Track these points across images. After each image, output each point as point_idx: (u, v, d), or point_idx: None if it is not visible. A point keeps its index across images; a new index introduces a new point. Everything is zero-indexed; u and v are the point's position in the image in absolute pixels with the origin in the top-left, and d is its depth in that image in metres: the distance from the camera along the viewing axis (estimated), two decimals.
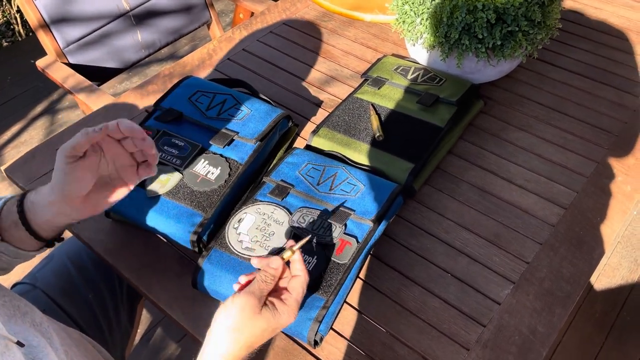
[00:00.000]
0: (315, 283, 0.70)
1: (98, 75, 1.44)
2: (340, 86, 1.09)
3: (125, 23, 1.45)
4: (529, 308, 0.74)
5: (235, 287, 0.65)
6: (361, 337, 0.71)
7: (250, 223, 0.77)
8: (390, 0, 1.08)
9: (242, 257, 0.73)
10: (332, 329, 0.72)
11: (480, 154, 0.95)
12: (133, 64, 1.51)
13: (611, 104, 1.04)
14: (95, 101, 1.23)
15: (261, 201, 0.80)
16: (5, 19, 2.61)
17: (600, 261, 0.87)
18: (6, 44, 2.57)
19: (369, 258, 0.79)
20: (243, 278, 0.65)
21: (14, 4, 2.49)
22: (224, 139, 0.86)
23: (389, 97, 0.98)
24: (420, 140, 0.90)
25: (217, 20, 1.64)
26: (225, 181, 0.81)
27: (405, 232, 0.83)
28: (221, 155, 0.84)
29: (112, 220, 0.84)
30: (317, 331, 0.67)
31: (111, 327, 0.92)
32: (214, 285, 0.72)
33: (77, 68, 1.36)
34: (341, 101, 1.00)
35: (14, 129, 2.18)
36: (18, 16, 2.54)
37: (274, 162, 0.90)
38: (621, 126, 1.00)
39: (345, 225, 0.76)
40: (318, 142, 0.91)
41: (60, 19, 1.34)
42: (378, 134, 0.90)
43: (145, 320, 1.54)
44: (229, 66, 1.15)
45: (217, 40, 1.21)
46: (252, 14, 1.60)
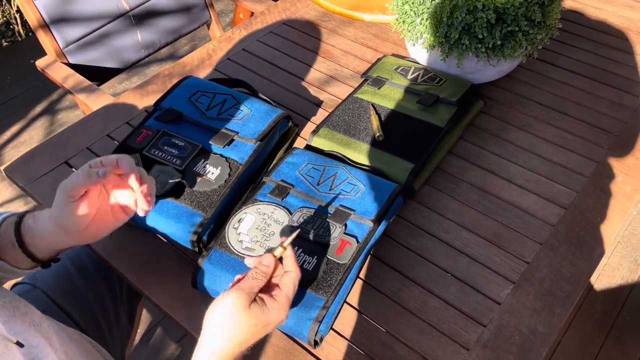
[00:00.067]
0: (309, 279, 0.70)
1: (98, 75, 1.44)
2: (340, 86, 1.09)
3: (125, 23, 1.45)
4: (529, 308, 0.74)
5: (230, 285, 0.65)
6: (361, 337, 0.71)
7: (250, 223, 0.77)
8: (390, 0, 1.08)
9: (242, 257, 0.73)
10: (332, 329, 0.72)
11: (480, 154, 0.95)
12: (133, 64, 1.51)
13: (611, 104, 1.04)
14: (95, 101, 1.23)
15: (261, 201, 0.80)
16: (5, 19, 2.61)
17: (600, 261, 0.87)
18: (6, 44, 2.57)
19: (369, 258, 0.79)
20: (238, 277, 0.65)
21: (14, 4, 2.49)
22: (224, 139, 0.86)
23: (389, 97, 0.98)
24: (420, 140, 0.90)
25: (217, 20, 1.63)
26: (225, 181, 0.81)
27: (405, 232, 0.83)
28: (221, 155, 0.84)
29: None
30: (317, 331, 0.67)
31: (111, 327, 0.92)
32: (213, 285, 0.72)
33: (76, 68, 1.36)
34: (341, 101, 1.00)
35: (13, 129, 2.18)
36: (18, 16, 2.54)
37: (274, 162, 0.90)
38: (621, 126, 1.00)
39: (345, 225, 0.76)
40: (318, 142, 0.91)
41: (60, 19, 1.34)
42: (378, 134, 0.90)
43: (145, 320, 1.54)
44: (228, 66, 1.14)
45: (217, 40, 1.21)
46: (251, 14, 1.60)
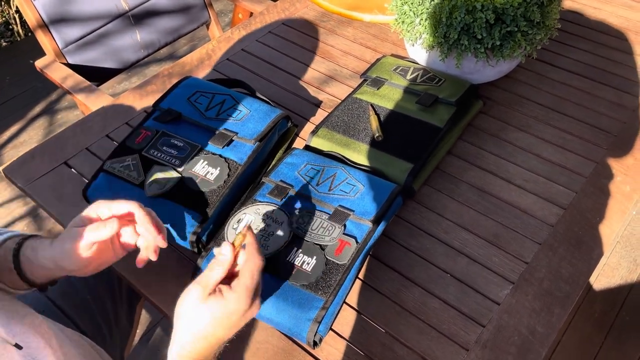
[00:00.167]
0: (309, 279, 0.70)
1: (97, 76, 1.44)
2: (339, 86, 1.09)
3: (124, 23, 1.45)
4: (528, 308, 0.74)
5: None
6: (360, 338, 0.71)
7: (249, 223, 0.77)
8: (389, 1, 1.08)
9: None
10: (331, 329, 0.72)
11: (480, 154, 0.95)
12: (132, 64, 1.51)
13: (610, 104, 1.04)
14: (94, 101, 1.23)
15: (260, 201, 0.80)
16: (4, 19, 2.61)
17: (600, 261, 0.87)
18: (5, 44, 2.57)
19: (368, 258, 0.79)
20: None
21: (13, 4, 2.49)
22: (223, 139, 0.85)
23: (388, 98, 0.98)
24: (420, 141, 0.90)
25: (216, 21, 1.63)
26: (225, 181, 0.81)
27: (404, 233, 0.83)
28: (220, 155, 0.84)
29: None
30: (317, 332, 0.67)
31: (110, 327, 0.92)
32: None
33: (76, 68, 1.36)
34: (340, 101, 1.00)
35: (12, 129, 2.17)
36: (17, 16, 2.54)
37: (273, 162, 0.90)
38: (620, 126, 1.00)
39: (345, 226, 0.76)
40: (317, 143, 0.91)
41: (59, 19, 1.34)
42: (377, 134, 0.90)
43: (145, 320, 1.54)
44: (228, 66, 1.14)
45: (216, 40, 1.21)
46: (251, 14, 1.60)
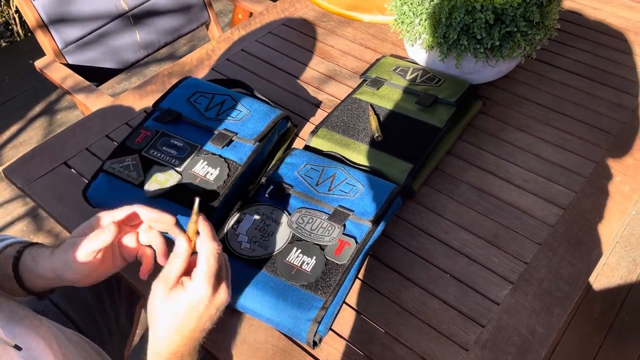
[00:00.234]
0: (308, 280, 0.70)
1: (97, 76, 1.44)
2: (338, 87, 1.09)
3: (123, 23, 1.45)
4: (527, 308, 0.74)
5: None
6: (360, 338, 0.71)
7: (249, 224, 0.77)
8: (388, 1, 1.08)
9: (241, 257, 0.73)
10: (331, 329, 0.72)
11: (479, 154, 0.95)
12: (132, 64, 1.51)
13: (610, 104, 1.04)
14: (94, 102, 1.23)
15: (260, 202, 0.80)
16: (3, 19, 2.61)
17: (599, 261, 0.87)
18: (5, 44, 2.57)
19: (368, 258, 0.79)
20: None
21: (13, 5, 2.49)
22: (222, 139, 0.85)
23: (388, 98, 0.98)
24: (419, 141, 0.90)
25: (216, 21, 1.63)
26: (224, 182, 0.81)
27: (404, 233, 0.83)
28: (220, 155, 0.84)
29: None
30: (316, 332, 0.67)
31: (110, 327, 0.92)
32: None
33: (75, 68, 1.36)
34: (340, 102, 1.00)
35: (12, 130, 2.17)
36: (16, 16, 2.54)
37: (272, 162, 0.90)
38: (620, 126, 1.00)
39: (344, 226, 0.76)
40: (317, 143, 0.91)
41: (59, 20, 1.34)
42: (377, 134, 0.90)
43: (145, 320, 1.53)
44: (227, 66, 1.14)
45: (215, 40, 1.21)
46: (250, 14, 1.60)
